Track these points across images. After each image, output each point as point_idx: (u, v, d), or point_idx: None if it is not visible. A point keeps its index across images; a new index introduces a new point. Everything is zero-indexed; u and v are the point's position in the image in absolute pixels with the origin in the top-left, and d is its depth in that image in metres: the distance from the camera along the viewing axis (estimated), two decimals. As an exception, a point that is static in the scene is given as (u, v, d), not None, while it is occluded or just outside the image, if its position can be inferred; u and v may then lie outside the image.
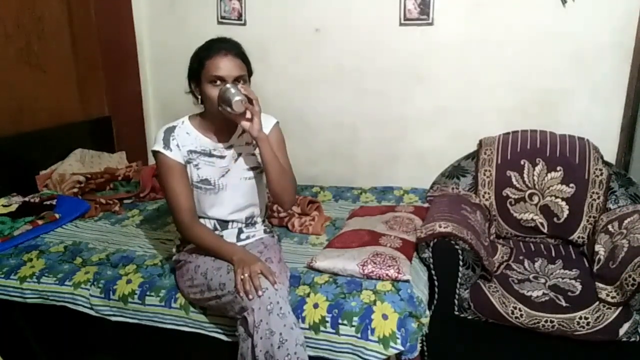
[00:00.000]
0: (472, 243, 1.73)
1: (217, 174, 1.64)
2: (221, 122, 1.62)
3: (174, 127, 1.63)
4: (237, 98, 1.48)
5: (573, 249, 2.12)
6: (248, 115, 1.54)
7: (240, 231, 1.71)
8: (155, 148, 1.59)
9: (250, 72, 1.61)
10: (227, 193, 1.65)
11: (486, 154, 2.27)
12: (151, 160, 2.50)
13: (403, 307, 1.51)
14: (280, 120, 1.75)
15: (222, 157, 1.65)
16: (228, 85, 1.50)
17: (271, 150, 1.59)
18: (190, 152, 1.61)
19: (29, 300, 1.77)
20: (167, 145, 1.58)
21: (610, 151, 2.30)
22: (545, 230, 2.16)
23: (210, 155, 1.63)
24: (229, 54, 1.52)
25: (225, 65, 1.51)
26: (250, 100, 1.53)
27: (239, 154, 1.67)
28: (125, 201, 2.49)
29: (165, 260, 1.83)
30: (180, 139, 1.61)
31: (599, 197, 2.10)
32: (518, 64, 2.36)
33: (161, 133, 1.61)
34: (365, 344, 1.46)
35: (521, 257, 2.04)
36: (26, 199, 2.26)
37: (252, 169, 1.69)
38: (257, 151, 1.69)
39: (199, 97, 1.59)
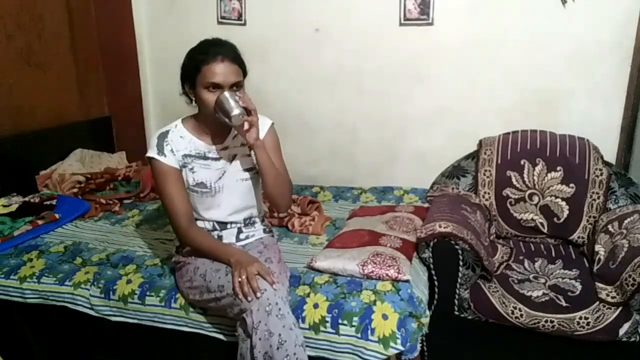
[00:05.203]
0: (472, 243, 1.73)
1: (214, 177, 1.63)
2: (216, 124, 1.61)
3: (167, 131, 1.61)
4: (236, 112, 1.46)
5: (573, 249, 2.12)
6: (246, 126, 1.52)
7: (239, 231, 1.71)
8: (150, 154, 1.58)
9: (245, 74, 1.58)
10: (224, 195, 1.64)
11: (486, 154, 2.27)
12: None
13: (403, 307, 1.51)
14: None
15: (217, 159, 1.63)
16: (227, 95, 1.47)
17: (268, 156, 1.58)
18: (185, 156, 1.60)
19: (29, 300, 1.78)
20: (161, 151, 1.57)
21: (610, 151, 2.30)
22: (545, 230, 2.16)
23: (205, 158, 1.62)
24: (225, 60, 1.49)
25: (222, 72, 1.48)
26: (248, 111, 1.51)
27: (234, 156, 1.66)
28: (125, 201, 2.49)
29: (165, 260, 1.83)
30: (174, 143, 1.59)
31: (599, 197, 2.10)
32: (518, 64, 2.36)
33: (154, 139, 1.59)
34: (365, 344, 1.46)
35: (521, 257, 2.04)
36: (26, 199, 2.26)
37: (248, 170, 1.67)
38: (252, 152, 1.69)
39: (193, 98, 1.57)
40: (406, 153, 2.63)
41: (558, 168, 2.15)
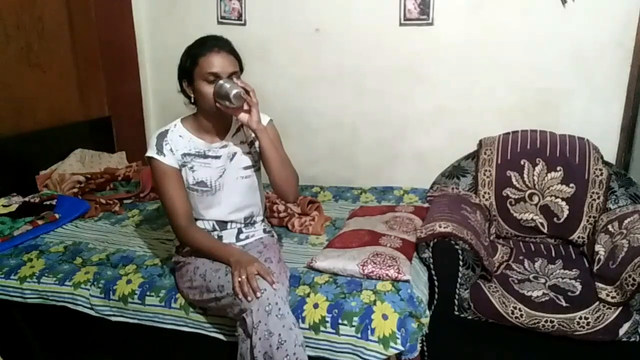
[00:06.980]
0: (472, 243, 1.73)
1: (214, 175, 1.63)
2: (215, 121, 1.62)
3: (167, 131, 1.62)
4: (236, 90, 1.48)
5: (573, 249, 2.12)
6: (246, 107, 1.54)
7: (239, 231, 1.71)
8: (149, 154, 1.59)
9: (241, 69, 1.60)
10: (224, 193, 1.65)
11: (486, 154, 2.27)
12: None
13: (403, 307, 1.51)
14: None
15: (217, 157, 1.64)
16: (221, 82, 1.50)
17: (270, 141, 1.59)
18: (185, 155, 1.60)
19: (29, 300, 1.78)
20: (160, 150, 1.58)
21: (610, 151, 2.30)
22: (545, 230, 2.16)
23: (205, 156, 1.63)
24: (222, 51, 1.52)
25: (220, 62, 1.51)
26: (247, 92, 1.53)
27: (234, 154, 1.67)
28: (125, 201, 2.49)
29: (165, 261, 1.83)
30: (174, 143, 1.60)
31: (599, 197, 2.10)
32: (518, 64, 2.36)
33: (154, 139, 1.60)
34: (365, 344, 1.46)
35: (521, 257, 2.04)
36: (26, 199, 2.26)
37: (248, 167, 1.68)
38: (252, 149, 1.69)
39: (191, 96, 1.58)
40: (406, 153, 2.63)
41: (558, 168, 2.15)
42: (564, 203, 2.13)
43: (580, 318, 1.67)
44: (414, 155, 2.61)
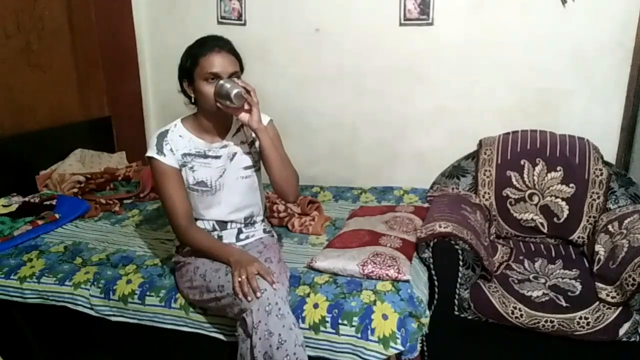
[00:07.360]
0: (472, 243, 1.73)
1: (214, 175, 1.63)
2: (215, 121, 1.62)
3: (167, 131, 1.62)
4: (236, 90, 1.49)
5: (573, 249, 2.12)
6: (246, 106, 1.54)
7: (239, 231, 1.71)
8: (149, 154, 1.59)
9: (242, 69, 1.60)
10: (224, 193, 1.65)
11: (486, 154, 2.27)
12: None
13: (403, 307, 1.51)
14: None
15: (217, 157, 1.64)
16: (222, 81, 1.51)
17: (271, 141, 1.59)
18: (185, 155, 1.61)
19: (29, 300, 1.78)
20: (160, 150, 1.58)
21: (610, 151, 2.30)
22: (545, 230, 2.16)
23: (205, 156, 1.63)
24: (222, 51, 1.52)
25: (220, 62, 1.51)
26: (247, 92, 1.53)
27: (235, 154, 1.67)
28: (125, 201, 2.49)
29: (165, 261, 1.83)
30: (174, 143, 1.60)
31: (599, 197, 2.10)
32: (518, 64, 2.36)
33: (154, 139, 1.60)
34: (365, 344, 1.46)
35: (521, 257, 2.04)
36: (26, 199, 2.26)
37: (248, 167, 1.68)
38: (252, 149, 1.69)
39: (192, 95, 1.58)
40: (406, 153, 2.63)
41: (558, 168, 2.15)
42: (564, 203, 2.13)
43: (580, 318, 1.67)
44: (414, 155, 2.61)
